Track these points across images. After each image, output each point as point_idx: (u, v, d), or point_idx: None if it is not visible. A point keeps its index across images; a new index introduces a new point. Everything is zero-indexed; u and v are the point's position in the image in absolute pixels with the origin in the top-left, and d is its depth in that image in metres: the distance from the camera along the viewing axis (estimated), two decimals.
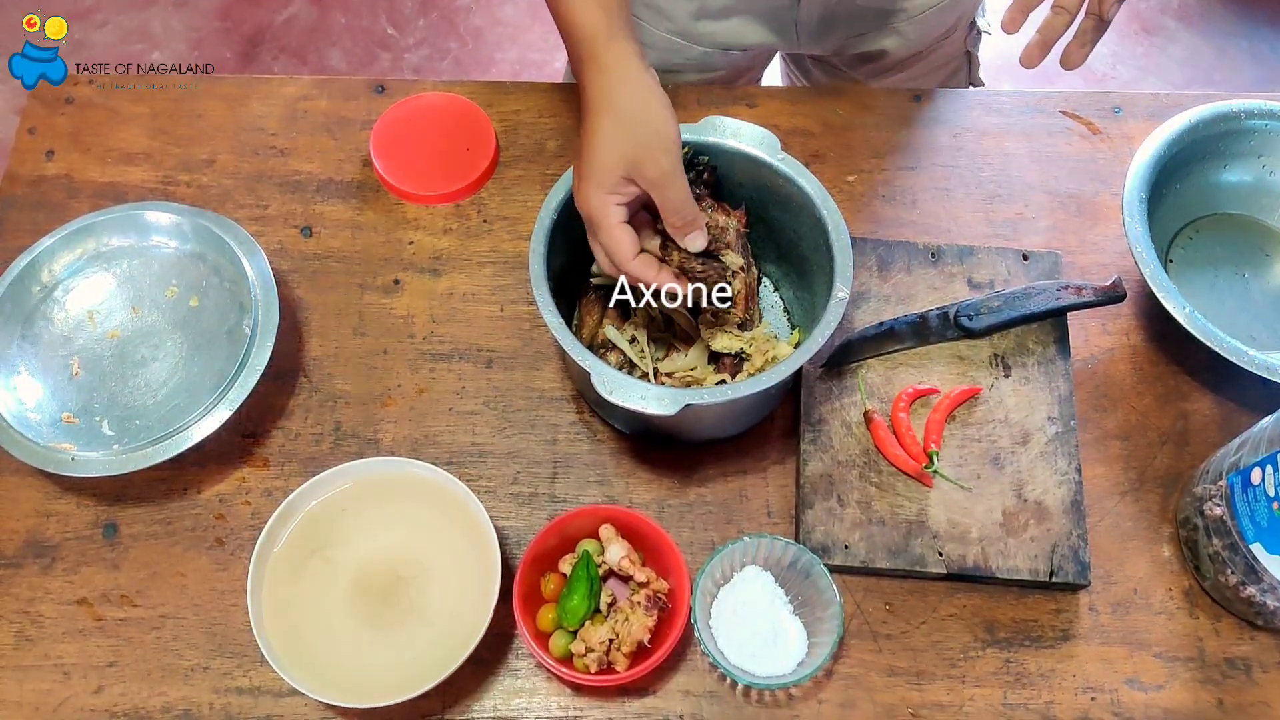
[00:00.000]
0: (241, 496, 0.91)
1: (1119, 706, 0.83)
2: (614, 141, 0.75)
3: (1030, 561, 0.84)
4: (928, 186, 1.06)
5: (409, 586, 0.85)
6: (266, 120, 1.10)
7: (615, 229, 0.77)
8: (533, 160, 1.07)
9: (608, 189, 0.76)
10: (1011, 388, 0.91)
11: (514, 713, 0.83)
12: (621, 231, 0.77)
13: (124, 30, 2.47)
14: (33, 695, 0.83)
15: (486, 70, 2.45)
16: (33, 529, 0.90)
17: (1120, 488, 0.91)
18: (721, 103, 1.10)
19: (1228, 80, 2.43)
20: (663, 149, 0.74)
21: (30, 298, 0.95)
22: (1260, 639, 0.85)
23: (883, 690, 0.83)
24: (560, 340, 0.79)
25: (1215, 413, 0.94)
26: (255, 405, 0.92)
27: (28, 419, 0.90)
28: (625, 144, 0.74)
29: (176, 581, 0.88)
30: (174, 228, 0.98)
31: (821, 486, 0.87)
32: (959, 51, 1.24)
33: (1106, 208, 1.05)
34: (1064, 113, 1.11)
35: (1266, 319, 0.98)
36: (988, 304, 0.92)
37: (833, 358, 0.91)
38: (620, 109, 0.75)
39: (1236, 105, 0.99)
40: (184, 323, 0.97)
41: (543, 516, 0.90)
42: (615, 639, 0.80)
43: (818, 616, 0.81)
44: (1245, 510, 0.78)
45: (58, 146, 1.08)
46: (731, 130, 0.88)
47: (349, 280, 1.01)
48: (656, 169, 0.74)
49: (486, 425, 0.94)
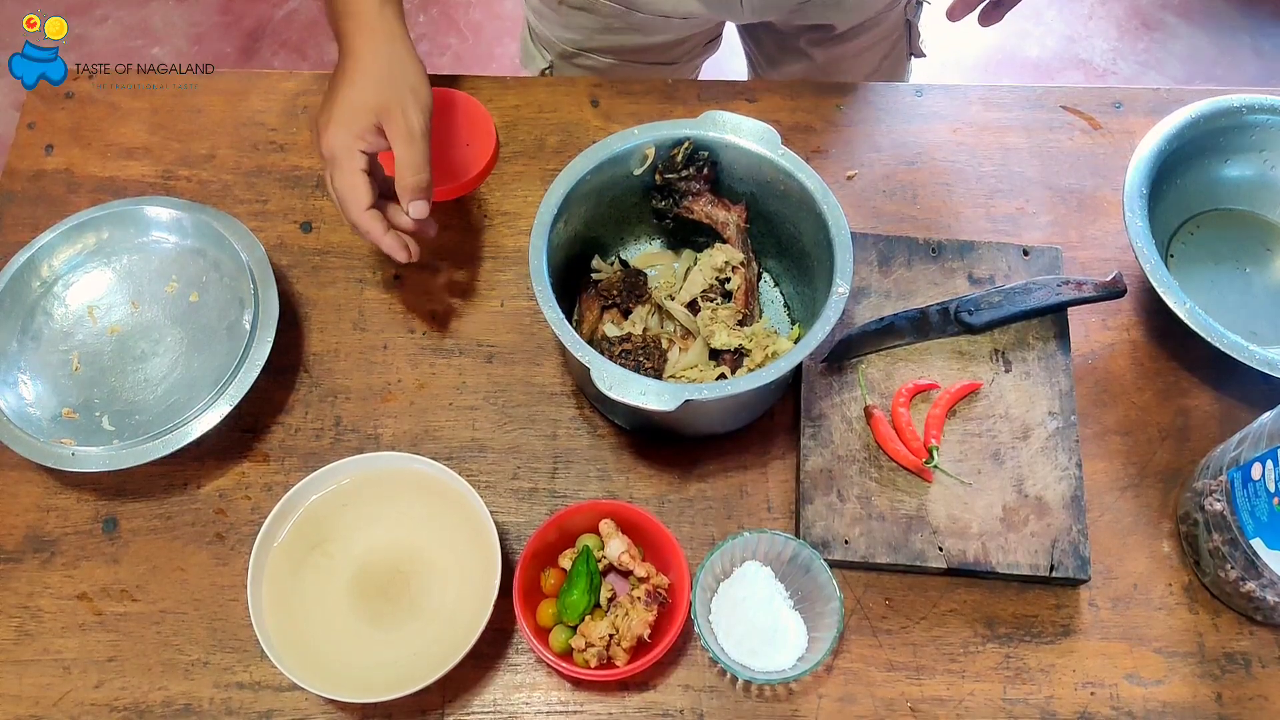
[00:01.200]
0: (241, 491, 0.91)
1: (1118, 701, 0.83)
2: (372, 89, 0.76)
3: (1030, 557, 0.84)
4: (928, 182, 1.06)
5: (409, 582, 0.85)
6: (266, 115, 1.10)
7: (355, 174, 0.78)
8: (533, 156, 1.07)
9: (355, 133, 0.77)
10: (1012, 383, 0.91)
11: (514, 707, 0.83)
12: (359, 179, 0.78)
13: (124, 25, 2.47)
14: (32, 690, 0.83)
15: (486, 65, 2.45)
16: (33, 524, 0.90)
17: (1120, 483, 0.91)
18: (722, 97, 1.10)
19: (1229, 75, 2.43)
20: (417, 106, 0.77)
21: (30, 293, 0.95)
22: (1259, 634, 0.85)
23: (882, 685, 0.83)
24: (560, 336, 0.79)
25: (1216, 408, 0.94)
26: (255, 400, 0.92)
27: (28, 414, 0.90)
28: (384, 93, 0.76)
29: (176, 576, 0.88)
30: (174, 223, 0.98)
31: (822, 482, 0.87)
32: (900, 21, 1.26)
33: (1107, 203, 1.05)
34: (1065, 108, 1.10)
35: (1267, 314, 0.98)
36: (988, 299, 0.92)
37: (833, 353, 0.90)
38: (382, 61, 0.77)
39: (1238, 100, 0.99)
40: (184, 318, 0.97)
41: (543, 512, 0.90)
42: (615, 634, 0.80)
43: (818, 611, 0.81)
44: (1245, 505, 0.78)
45: (57, 141, 1.08)
46: (732, 125, 0.88)
47: (349, 275, 1.01)
48: (406, 123, 0.76)
49: (487, 420, 0.94)
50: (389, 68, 0.77)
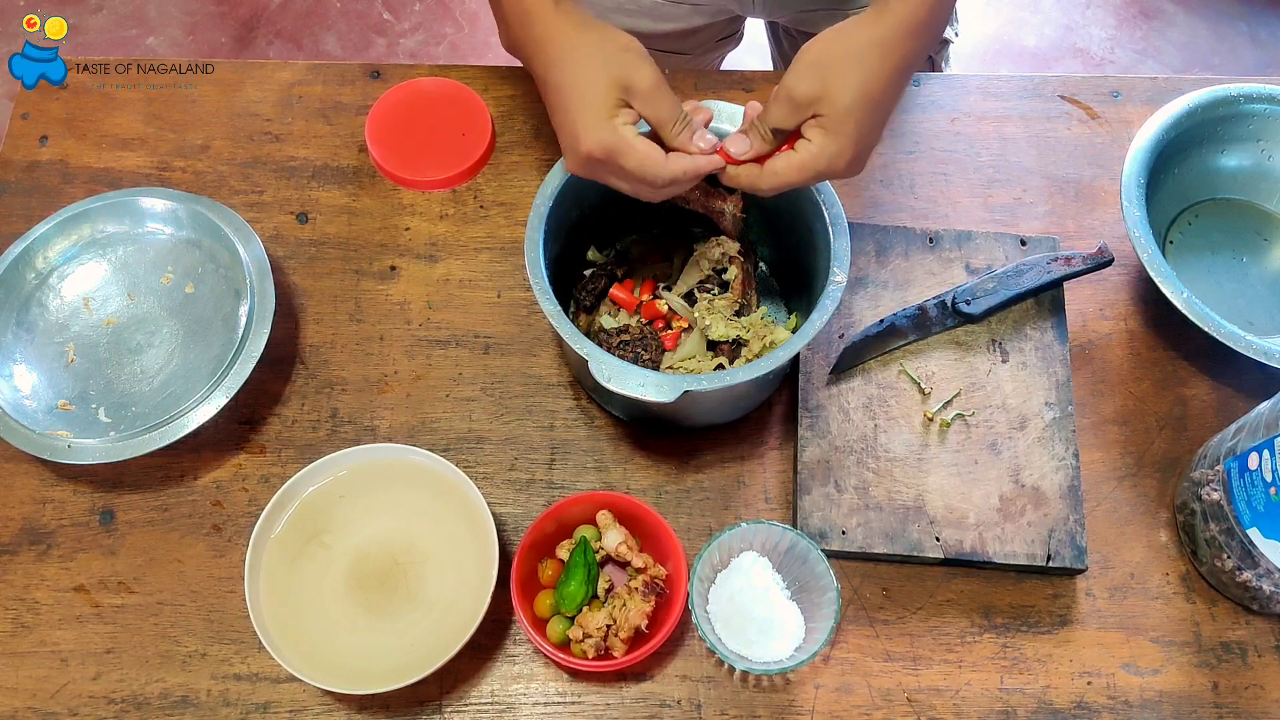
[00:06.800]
0: (238, 483, 0.91)
1: (1115, 690, 0.83)
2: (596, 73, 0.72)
3: (1027, 546, 0.84)
4: (926, 171, 1.05)
5: (406, 573, 0.85)
6: (262, 106, 1.09)
7: (638, 145, 0.73)
8: (529, 145, 1.07)
9: (609, 115, 0.73)
10: (1009, 373, 0.91)
11: (512, 698, 0.83)
12: (645, 145, 0.73)
13: (119, 15, 2.45)
14: (29, 682, 0.83)
15: (482, 55, 2.44)
16: (29, 516, 0.90)
17: (1117, 473, 0.91)
18: (719, 87, 1.10)
19: (1226, 64, 2.43)
20: (641, 57, 0.73)
21: (25, 284, 0.95)
22: (1256, 623, 0.85)
23: (879, 675, 0.83)
24: (557, 327, 0.79)
25: (1213, 398, 0.94)
26: (251, 392, 0.92)
27: (23, 406, 0.90)
28: (608, 68, 0.72)
29: (174, 568, 0.88)
30: (169, 214, 0.98)
31: (819, 472, 0.87)
32: None
33: (1105, 192, 1.04)
34: (1062, 97, 1.10)
35: (1264, 304, 0.98)
36: (982, 286, 0.92)
37: (839, 363, 0.90)
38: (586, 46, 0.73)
39: (1235, 89, 0.99)
40: (180, 309, 0.96)
41: (540, 502, 0.90)
42: (613, 625, 0.80)
43: (815, 602, 0.81)
44: (1242, 495, 0.78)
45: (52, 132, 1.08)
46: (728, 115, 0.88)
47: (345, 266, 1.01)
48: (646, 79, 0.72)
49: (484, 411, 0.94)
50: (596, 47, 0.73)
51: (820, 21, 1.15)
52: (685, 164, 0.75)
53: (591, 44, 0.73)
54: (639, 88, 0.73)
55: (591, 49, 0.73)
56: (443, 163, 1.04)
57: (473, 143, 1.05)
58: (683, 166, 0.75)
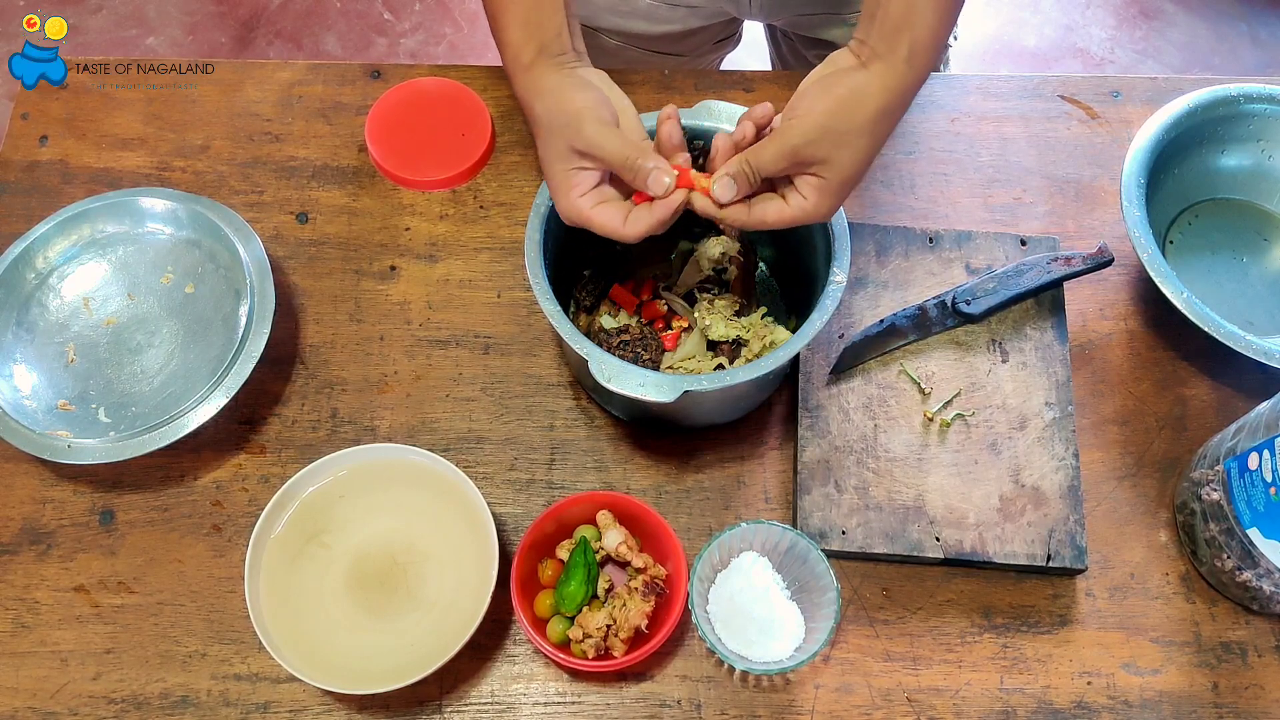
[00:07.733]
0: (238, 483, 0.91)
1: (1115, 690, 0.83)
2: (555, 144, 0.76)
3: (1027, 546, 0.84)
4: (926, 171, 1.05)
5: (406, 573, 0.85)
6: (261, 106, 1.09)
7: (595, 218, 0.76)
8: (529, 146, 1.07)
9: (569, 186, 0.76)
10: (1009, 373, 0.91)
11: (512, 698, 0.83)
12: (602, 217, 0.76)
13: (119, 15, 2.45)
14: (29, 682, 0.83)
15: (482, 55, 2.44)
16: (29, 516, 0.90)
17: (1117, 473, 0.91)
18: (718, 87, 1.10)
19: (1226, 64, 2.43)
20: (580, 122, 0.75)
21: (25, 284, 0.95)
22: (1255, 623, 0.85)
23: (879, 675, 0.83)
24: (557, 327, 0.79)
25: (1213, 398, 0.94)
26: (251, 392, 0.92)
27: (23, 406, 0.90)
28: (563, 135, 0.75)
29: (174, 568, 0.88)
30: (169, 214, 0.98)
31: (819, 472, 0.87)
32: None
33: (1105, 192, 1.04)
34: (1062, 97, 1.10)
35: (1264, 304, 0.98)
36: (982, 286, 0.92)
37: (839, 363, 0.90)
38: (543, 117, 0.76)
39: (1235, 89, 0.99)
40: (180, 309, 0.96)
41: (540, 503, 0.90)
42: (613, 625, 0.80)
43: (815, 602, 0.81)
44: (1242, 495, 0.78)
45: (52, 132, 1.08)
46: (727, 115, 0.88)
47: (345, 266, 1.01)
48: (585, 140, 0.74)
49: (484, 411, 0.94)
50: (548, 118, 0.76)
51: (818, 26, 1.15)
52: (645, 222, 0.76)
53: (545, 114, 0.76)
54: (585, 150, 0.75)
55: (547, 119, 0.76)
56: (443, 163, 1.04)
57: (473, 143, 1.05)
58: (645, 224, 0.76)
